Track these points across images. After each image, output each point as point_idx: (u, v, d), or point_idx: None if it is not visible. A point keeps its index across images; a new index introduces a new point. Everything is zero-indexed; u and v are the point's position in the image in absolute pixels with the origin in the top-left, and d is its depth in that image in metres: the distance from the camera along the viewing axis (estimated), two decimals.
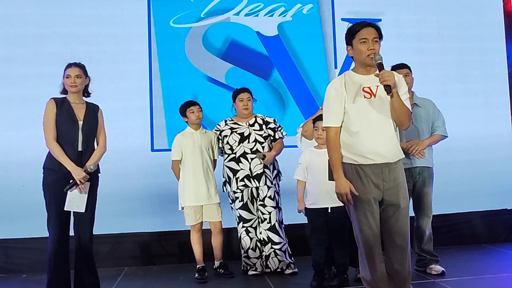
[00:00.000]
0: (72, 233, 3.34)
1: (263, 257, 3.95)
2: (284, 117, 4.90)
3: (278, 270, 3.93)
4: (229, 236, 4.46)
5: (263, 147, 3.99)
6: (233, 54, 4.92)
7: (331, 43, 5.05)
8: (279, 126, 4.12)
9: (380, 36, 2.62)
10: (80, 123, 3.29)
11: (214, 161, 4.06)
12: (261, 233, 3.95)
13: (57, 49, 4.59)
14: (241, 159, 3.96)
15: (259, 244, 3.97)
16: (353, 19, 4.57)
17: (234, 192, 3.98)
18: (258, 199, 3.96)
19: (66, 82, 3.30)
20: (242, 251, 4.01)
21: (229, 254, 4.39)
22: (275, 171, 4.08)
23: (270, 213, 3.93)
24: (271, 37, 4.98)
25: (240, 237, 4.00)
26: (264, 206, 3.94)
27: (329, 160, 2.68)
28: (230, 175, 4.00)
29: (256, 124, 4.05)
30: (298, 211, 3.68)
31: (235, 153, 3.99)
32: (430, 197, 3.78)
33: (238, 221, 4.01)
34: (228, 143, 4.02)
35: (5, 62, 4.59)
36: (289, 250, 4.01)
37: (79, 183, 3.18)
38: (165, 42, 4.83)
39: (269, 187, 3.95)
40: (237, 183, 3.96)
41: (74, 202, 3.20)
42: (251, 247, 3.96)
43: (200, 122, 4.03)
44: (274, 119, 4.15)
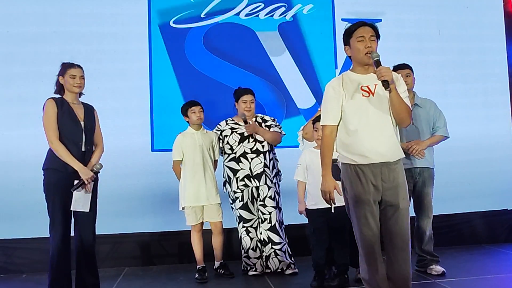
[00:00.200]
0: (72, 233, 3.33)
1: (264, 257, 3.96)
2: (284, 117, 4.90)
3: (278, 270, 3.93)
4: (230, 236, 4.47)
5: (263, 147, 3.99)
6: (233, 54, 4.91)
7: (331, 43, 5.06)
8: (276, 124, 4.11)
9: (377, 35, 2.63)
10: (82, 123, 3.29)
11: (215, 162, 4.06)
12: (261, 233, 3.95)
13: (57, 49, 4.58)
14: (241, 159, 3.96)
15: (259, 244, 3.97)
16: (353, 19, 4.55)
17: (235, 192, 3.98)
18: (258, 199, 3.96)
19: (70, 82, 3.26)
20: (243, 251, 4.01)
21: (229, 254, 4.39)
22: (275, 170, 4.08)
23: (270, 213, 3.93)
24: (271, 37, 4.98)
25: (241, 237, 4.00)
26: (265, 206, 3.94)
27: (320, 157, 2.68)
28: (230, 175, 4.00)
29: (256, 124, 4.05)
30: (299, 212, 3.68)
31: (235, 153, 3.98)
32: (431, 197, 3.78)
33: (239, 221, 4.01)
34: (228, 143, 4.01)
35: (5, 62, 4.58)
36: (289, 250, 4.01)
37: (86, 182, 3.18)
38: (165, 42, 4.82)
39: (269, 186, 3.95)
40: (237, 183, 3.95)
41: (80, 202, 3.20)
42: (251, 247, 3.96)
43: (201, 123, 4.02)
44: (273, 118, 4.15)
